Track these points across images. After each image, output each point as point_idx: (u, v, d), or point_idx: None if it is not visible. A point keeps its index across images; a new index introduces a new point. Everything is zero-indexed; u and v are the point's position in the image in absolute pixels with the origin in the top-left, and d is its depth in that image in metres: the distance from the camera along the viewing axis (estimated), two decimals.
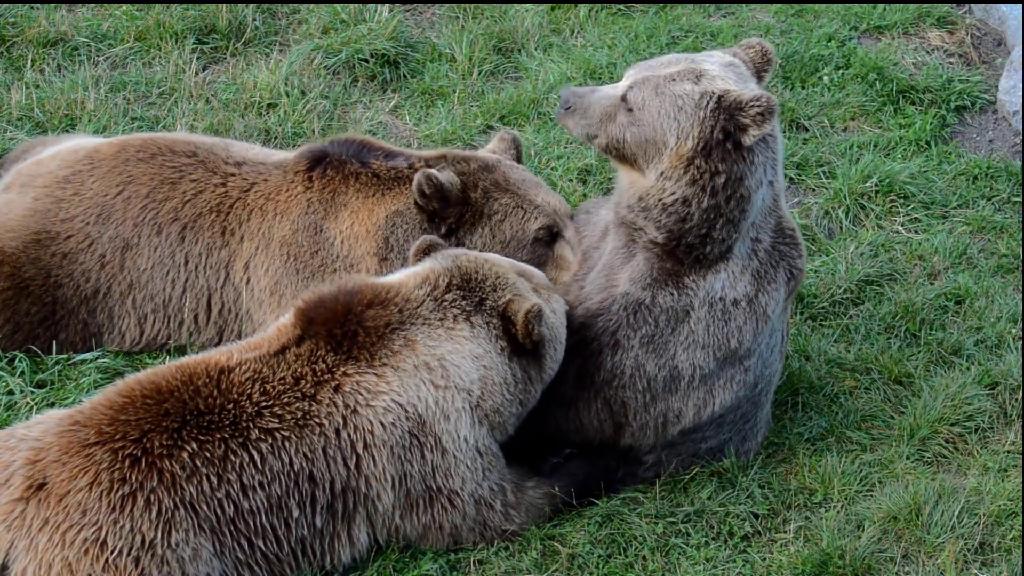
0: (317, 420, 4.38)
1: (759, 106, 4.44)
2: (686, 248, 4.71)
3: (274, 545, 4.33)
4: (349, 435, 4.40)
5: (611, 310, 4.83)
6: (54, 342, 5.38)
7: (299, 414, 4.37)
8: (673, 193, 4.64)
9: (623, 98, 4.71)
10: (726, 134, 4.52)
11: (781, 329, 5.04)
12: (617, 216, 4.91)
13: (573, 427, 4.97)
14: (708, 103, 4.52)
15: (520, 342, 4.62)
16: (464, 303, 4.62)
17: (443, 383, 4.51)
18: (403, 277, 4.71)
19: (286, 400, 4.38)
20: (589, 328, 4.85)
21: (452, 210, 5.21)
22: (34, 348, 5.37)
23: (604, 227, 5.10)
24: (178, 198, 5.39)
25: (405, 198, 5.26)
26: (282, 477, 4.31)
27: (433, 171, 5.14)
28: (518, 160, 5.58)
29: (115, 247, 5.37)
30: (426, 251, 4.84)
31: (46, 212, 5.39)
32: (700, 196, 4.60)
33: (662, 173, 4.64)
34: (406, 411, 4.46)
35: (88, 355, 5.39)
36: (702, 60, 4.69)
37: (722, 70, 4.63)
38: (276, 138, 6.79)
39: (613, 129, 4.73)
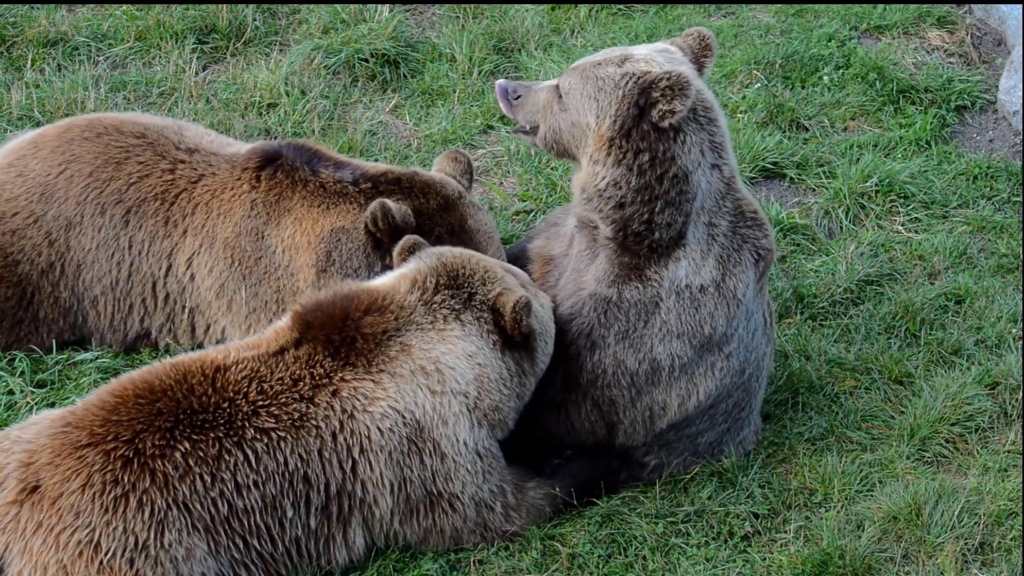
0: (314, 422, 4.37)
1: (667, 80, 4.48)
2: (635, 237, 4.72)
3: (269, 545, 4.33)
4: (346, 439, 4.40)
5: (582, 312, 4.85)
6: (37, 327, 5.39)
7: (296, 415, 4.36)
8: (604, 177, 4.67)
9: (556, 86, 4.79)
10: (640, 111, 4.55)
11: (761, 312, 5.03)
12: (576, 217, 4.94)
13: (565, 431, 4.96)
14: (627, 83, 4.56)
15: (509, 334, 4.62)
16: (452, 302, 4.62)
17: (440, 388, 4.50)
18: (394, 281, 4.70)
19: (283, 400, 4.37)
20: (565, 333, 4.87)
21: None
22: (27, 343, 5.40)
23: (570, 234, 5.11)
24: (123, 179, 5.35)
25: (352, 216, 5.19)
26: (276, 477, 4.30)
27: (392, 207, 5.02)
28: (469, 179, 5.48)
29: (59, 225, 5.34)
30: (410, 251, 4.83)
31: None
32: (628, 176, 4.62)
33: (590, 157, 4.69)
34: (403, 417, 4.46)
35: (88, 355, 5.40)
36: (634, 48, 4.75)
37: (651, 54, 4.68)
38: (276, 138, 6.79)
39: (550, 119, 4.82)
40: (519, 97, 4.91)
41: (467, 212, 5.31)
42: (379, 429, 4.42)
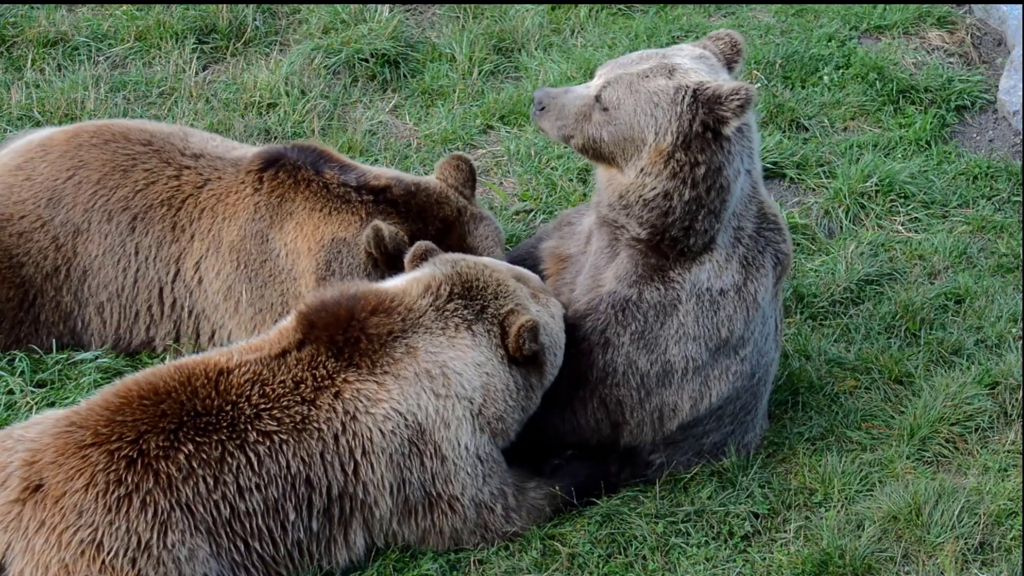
0: (316, 425, 4.37)
1: (739, 98, 4.48)
2: (670, 242, 4.72)
3: (270, 547, 4.33)
4: (348, 441, 4.40)
5: (599, 309, 4.85)
6: (36, 329, 5.39)
7: (298, 418, 4.36)
8: (654, 188, 4.65)
9: (597, 97, 4.72)
10: (705, 126, 4.53)
11: (774, 317, 5.04)
12: (598, 216, 4.92)
13: (570, 428, 4.96)
14: (684, 97, 4.54)
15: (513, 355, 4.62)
16: (466, 312, 4.62)
17: (444, 392, 4.50)
18: (405, 284, 4.69)
19: (285, 403, 4.37)
20: (579, 329, 4.86)
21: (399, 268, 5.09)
22: (26, 343, 5.39)
23: (587, 231, 5.10)
24: (129, 187, 5.36)
25: (354, 229, 5.17)
26: (279, 480, 4.31)
27: (384, 231, 5.00)
28: (472, 186, 5.40)
29: (67, 231, 5.36)
30: (423, 256, 4.82)
31: None
32: (681, 189, 4.61)
33: (642, 169, 4.66)
34: (406, 419, 4.46)
35: (88, 355, 5.40)
36: (673, 55, 4.71)
37: (693, 63, 4.66)
38: (276, 138, 6.80)
39: (589, 129, 4.74)
40: (543, 108, 4.83)
41: (466, 230, 5.28)
42: (381, 431, 4.42)
